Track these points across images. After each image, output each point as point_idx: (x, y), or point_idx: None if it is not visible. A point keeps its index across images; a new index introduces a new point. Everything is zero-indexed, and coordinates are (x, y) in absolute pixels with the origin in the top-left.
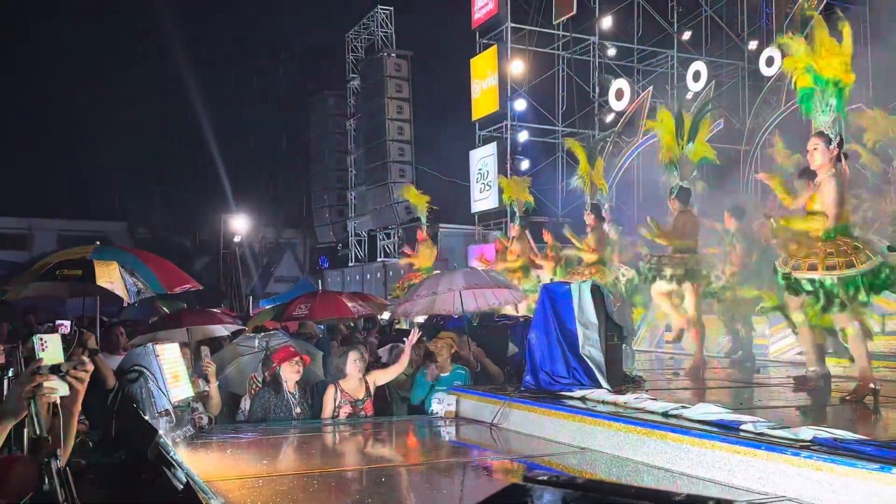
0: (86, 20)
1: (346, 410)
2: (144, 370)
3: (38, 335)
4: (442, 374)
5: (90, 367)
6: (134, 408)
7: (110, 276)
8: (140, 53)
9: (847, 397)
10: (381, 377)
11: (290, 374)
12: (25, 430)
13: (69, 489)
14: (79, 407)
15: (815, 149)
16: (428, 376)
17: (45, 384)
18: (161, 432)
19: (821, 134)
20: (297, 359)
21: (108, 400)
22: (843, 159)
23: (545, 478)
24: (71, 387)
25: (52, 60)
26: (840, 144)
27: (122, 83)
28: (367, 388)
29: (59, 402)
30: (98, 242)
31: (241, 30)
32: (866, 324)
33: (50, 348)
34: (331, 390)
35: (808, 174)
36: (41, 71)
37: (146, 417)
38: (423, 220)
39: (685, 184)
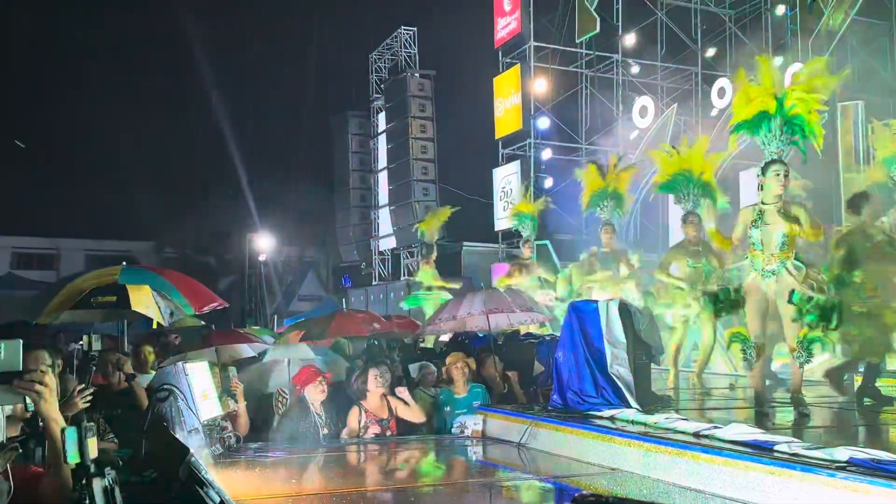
0: (114, 43)
1: (373, 430)
2: (174, 389)
3: None
4: (458, 396)
5: (45, 378)
6: (164, 426)
7: (145, 302)
8: (167, 75)
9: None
10: (402, 410)
11: (315, 395)
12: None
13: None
14: (53, 414)
15: (783, 175)
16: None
17: None
18: (192, 451)
19: (783, 162)
20: (319, 379)
21: (139, 419)
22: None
23: (594, 498)
24: (39, 395)
25: (80, 84)
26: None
27: (148, 105)
28: (390, 407)
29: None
30: (124, 263)
31: (267, 52)
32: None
33: (6, 356)
34: (354, 411)
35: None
36: (69, 95)
37: (177, 436)
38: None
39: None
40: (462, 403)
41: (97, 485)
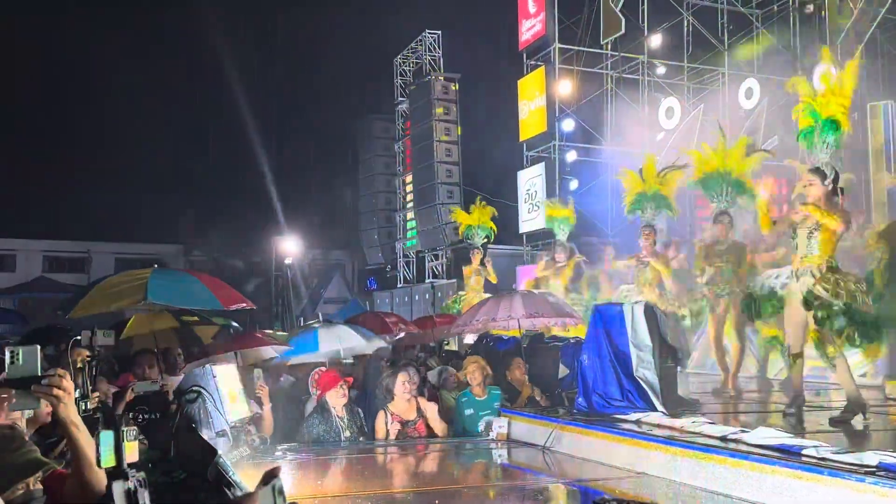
0: (142, 49)
1: (395, 428)
2: (203, 391)
3: (10, 347)
4: (479, 399)
5: (64, 383)
6: (193, 428)
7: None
8: (194, 81)
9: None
10: (430, 414)
11: (336, 400)
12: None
13: None
14: (72, 417)
15: (810, 184)
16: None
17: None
18: (220, 452)
19: (816, 170)
20: (340, 383)
21: (168, 420)
22: (840, 193)
23: (616, 503)
24: (58, 399)
25: (111, 91)
26: (835, 180)
27: (176, 110)
28: (419, 409)
29: (25, 418)
30: (155, 265)
31: (293, 57)
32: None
33: (24, 361)
34: (381, 416)
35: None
36: (99, 102)
37: (205, 437)
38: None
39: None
40: (484, 405)
41: (118, 487)
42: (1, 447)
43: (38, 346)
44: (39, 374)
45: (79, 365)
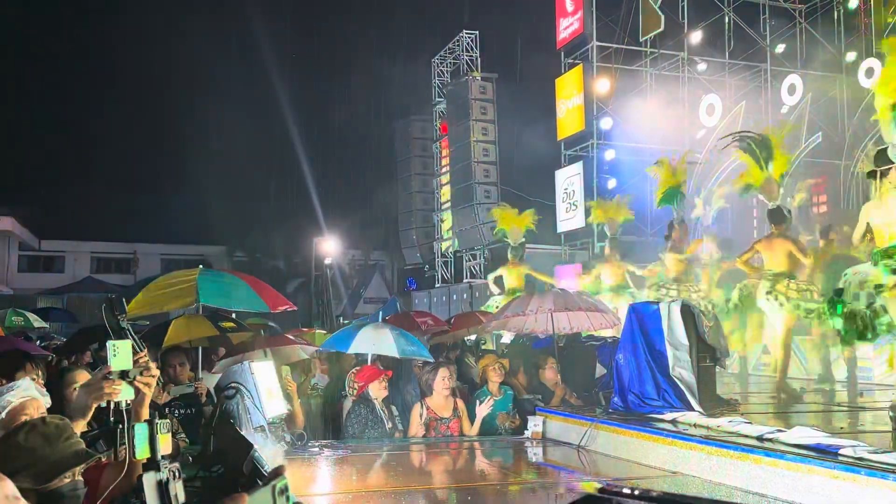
0: (191, 54)
1: (422, 426)
2: (241, 387)
3: (112, 341)
4: (497, 398)
5: (156, 373)
6: (231, 423)
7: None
8: (236, 87)
9: None
10: (465, 417)
11: (378, 392)
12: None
13: (169, 501)
14: (146, 410)
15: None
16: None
17: (111, 388)
18: (256, 446)
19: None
20: (382, 376)
21: (206, 417)
22: None
23: (620, 489)
24: (138, 391)
25: (157, 95)
26: None
27: (220, 115)
28: (455, 408)
29: (124, 406)
30: (201, 266)
31: (332, 59)
32: None
33: (120, 355)
34: (417, 408)
35: None
36: (146, 107)
37: (243, 433)
38: (514, 244)
39: (773, 205)
40: (500, 405)
41: (150, 478)
42: (53, 437)
43: (130, 341)
44: (131, 367)
45: None
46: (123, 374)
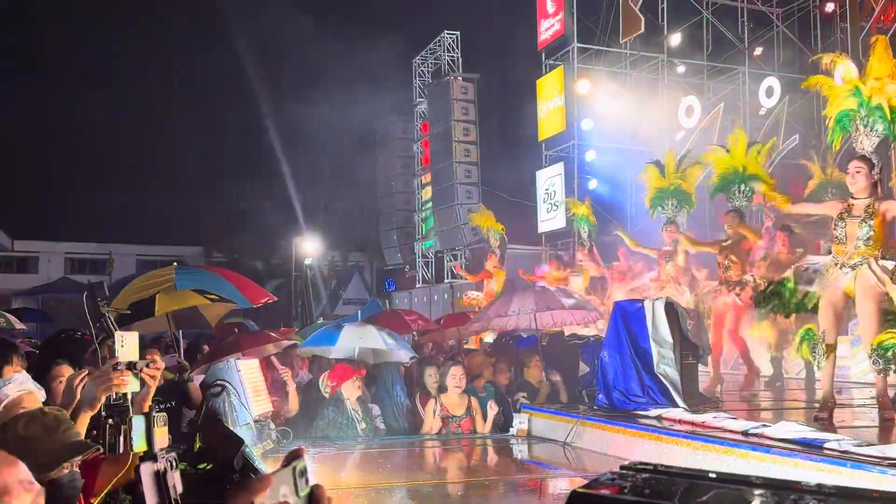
0: (165, 53)
1: (437, 423)
2: (227, 384)
3: (120, 333)
4: (481, 395)
5: (161, 365)
6: (218, 420)
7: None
8: (215, 85)
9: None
10: (478, 416)
11: (351, 392)
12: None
13: (167, 491)
14: (147, 403)
15: (858, 172)
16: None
17: (119, 380)
18: (247, 442)
19: (863, 158)
20: (355, 376)
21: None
22: (878, 185)
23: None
24: (143, 383)
25: (133, 94)
26: (881, 170)
27: (196, 113)
28: (469, 407)
29: (130, 398)
30: (175, 263)
31: (312, 58)
32: None
33: (127, 346)
34: (431, 403)
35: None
36: (120, 105)
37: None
38: (492, 243)
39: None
40: (484, 402)
41: (147, 468)
42: (52, 428)
43: (137, 334)
44: (138, 358)
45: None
46: (131, 366)
